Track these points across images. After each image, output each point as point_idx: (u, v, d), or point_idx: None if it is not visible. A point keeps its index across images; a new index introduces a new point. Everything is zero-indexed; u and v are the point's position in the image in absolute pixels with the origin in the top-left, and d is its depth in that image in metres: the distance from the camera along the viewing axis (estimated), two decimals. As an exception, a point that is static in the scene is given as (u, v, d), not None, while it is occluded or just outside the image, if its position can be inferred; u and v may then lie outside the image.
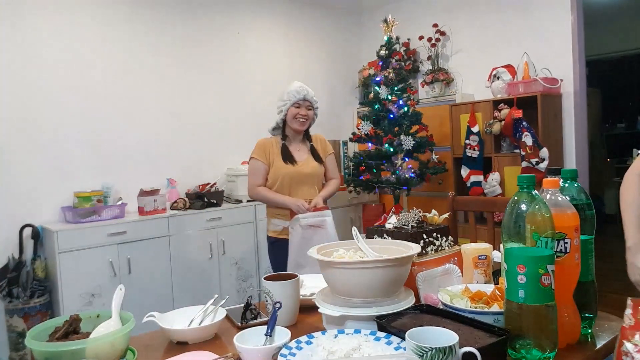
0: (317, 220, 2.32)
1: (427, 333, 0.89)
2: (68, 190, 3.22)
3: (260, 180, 2.48)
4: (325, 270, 1.15)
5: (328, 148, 2.65)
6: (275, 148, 2.50)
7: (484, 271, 1.32)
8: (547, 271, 0.92)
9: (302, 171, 2.47)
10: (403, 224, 1.42)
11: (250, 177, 2.52)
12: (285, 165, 2.44)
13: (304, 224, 2.30)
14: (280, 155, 2.47)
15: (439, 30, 4.32)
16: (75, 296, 2.87)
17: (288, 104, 2.44)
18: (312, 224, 2.31)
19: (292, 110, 2.45)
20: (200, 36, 3.94)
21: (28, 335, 1.00)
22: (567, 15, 3.60)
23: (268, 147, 2.50)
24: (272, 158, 2.47)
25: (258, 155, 2.49)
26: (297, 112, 2.46)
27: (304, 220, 2.31)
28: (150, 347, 1.18)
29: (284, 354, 0.95)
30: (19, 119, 3.07)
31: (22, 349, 2.83)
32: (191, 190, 3.71)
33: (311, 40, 4.73)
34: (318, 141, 2.63)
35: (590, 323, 1.11)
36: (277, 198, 2.43)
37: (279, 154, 2.47)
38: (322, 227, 2.32)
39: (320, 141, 2.64)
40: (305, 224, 2.31)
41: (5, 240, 2.99)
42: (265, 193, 2.47)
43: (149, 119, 3.64)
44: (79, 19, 3.31)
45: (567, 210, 1.01)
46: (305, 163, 2.50)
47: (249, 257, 3.67)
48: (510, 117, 3.44)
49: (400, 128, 3.64)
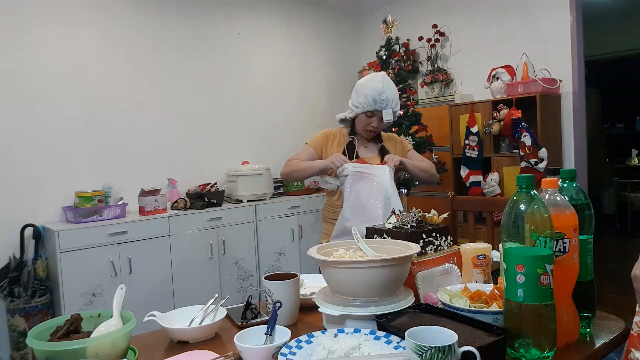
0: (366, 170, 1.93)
1: (426, 332, 0.90)
2: (69, 190, 3.23)
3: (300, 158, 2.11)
4: (325, 269, 1.16)
5: (406, 145, 2.23)
6: (340, 141, 2.12)
7: (483, 271, 1.33)
8: (546, 271, 0.92)
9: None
10: (402, 223, 1.42)
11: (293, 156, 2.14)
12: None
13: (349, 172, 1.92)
14: (342, 150, 2.08)
15: (438, 31, 4.32)
16: (76, 296, 2.87)
17: (359, 110, 2.02)
18: (361, 170, 1.92)
19: (362, 117, 2.04)
20: (201, 37, 3.94)
21: (29, 334, 1.00)
22: (566, 16, 3.60)
23: (330, 138, 2.13)
24: (329, 151, 2.09)
25: (313, 142, 2.12)
26: (369, 123, 2.04)
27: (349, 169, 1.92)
28: (151, 346, 1.18)
29: (284, 353, 0.96)
30: (19, 119, 3.08)
31: (24, 348, 2.83)
32: (192, 190, 3.72)
33: (311, 41, 4.73)
34: (391, 140, 2.21)
35: (589, 322, 1.11)
36: (310, 163, 2.05)
37: (341, 149, 2.08)
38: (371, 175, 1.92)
39: (394, 140, 2.21)
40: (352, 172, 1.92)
41: (6, 240, 3.00)
42: (297, 163, 2.07)
43: (149, 119, 3.65)
44: (80, 20, 3.32)
45: (566, 210, 1.02)
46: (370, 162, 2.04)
47: (249, 256, 3.68)
48: (509, 117, 3.45)
49: (399, 128, 3.65)
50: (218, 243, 3.50)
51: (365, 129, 2.05)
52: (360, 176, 1.91)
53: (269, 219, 3.76)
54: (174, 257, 3.27)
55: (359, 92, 2.01)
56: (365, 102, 1.98)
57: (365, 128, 2.05)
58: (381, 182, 1.91)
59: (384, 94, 1.96)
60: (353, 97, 2.05)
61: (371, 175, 1.92)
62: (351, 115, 2.07)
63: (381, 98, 1.96)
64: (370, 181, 1.92)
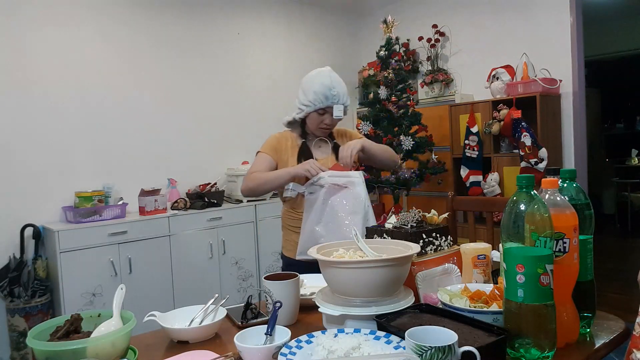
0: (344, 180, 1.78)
1: (426, 332, 0.90)
2: (69, 190, 3.23)
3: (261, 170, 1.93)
4: (325, 269, 1.16)
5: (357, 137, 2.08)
6: (292, 144, 1.98)
7: (483, 271, 1.33)
8: (546, 271, 0.92)
9: None
10: (402, 223, 1.42)
11: (249, 169, 1.96)
12: None
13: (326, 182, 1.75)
14: (296, 154, 1.95)
15: (438, 31, 4.32)
16: (76, 296, 2.87)
17: (310, 109, 1.89)
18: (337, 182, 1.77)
19: (314, 116, 1.91)
20: (201, 37, 3.94)
21: (29, 334, 1.00)
22: (566, 16, 3.60)
23: (282, 142, 1.98)
24: (284, 157, 1.95)
25: (266, 149, 1.96)
26: (322, 121, 1.91)
27: (325, 179, 1.75)
28: (151, 346, 1.18)
29: (284, 353, 0.96)
30: (19, 119, 3.08)
31: (24, 348, 2.83)
32: (192, 190, 3.72)
33: (311, 41, 4.73)
34: (344, 136, 2.08)
35: (589, 322, 1.11)
36: (278, 172, 1.87)
37: (295, 153, 1.95)
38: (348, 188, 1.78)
39: (345, 135, 2.09)
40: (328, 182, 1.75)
41: (6, 240, 3.00)
42: (261, 175, 1.88)
43: (149, 119, 3.65)
44: (80, 20, 3.32)
45: (566, 210, 1.02)
46: (325, 162, 1.94)
47: (249, 256, 3.68)
48: (509, 117, 3.45)
49: (399, 128, 3.65)
50: (218, 243, 3.50)
51: (318, 127, 1.94)
52: (337, 188, 1.78)
53: (269, 219, 3.76)
54: (174, 257, 3.27)
55: (308, 90, 1.89)
56: (316, 99, 1.86)
57: (319, 126, 1.93)
58: (359, 194, 1.79)
59: (334, 89, 1.86)
60: (301, 96, 1.93)
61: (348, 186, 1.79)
62: (301, 115, 1.94)
63: (332, 93, 1.85)
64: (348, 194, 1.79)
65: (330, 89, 1.85)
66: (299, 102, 1.95)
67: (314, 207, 1.78)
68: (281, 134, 2.03)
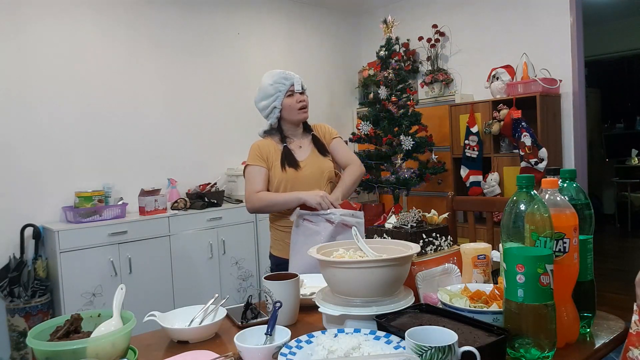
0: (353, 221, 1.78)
1: (426, 332, 0.90)
2: (69, 190, 3.23)
3: (260, 185, 1.95)
4: (325, 270, 1.16)
5: (331, 132, 2.14)
6: (275, 148, 2.02)
7: (483, 271, 1.33)
8: (546, 271, 0.92)
9: (304, 173, 1.97)
10: (403, 223, 1.42)
11: (248, 185, 1.98)
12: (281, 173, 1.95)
13: (336, 220, 1.77)
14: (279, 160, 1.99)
15: (438, 31, 4.32)
16: (76, 296, 2.87)
17: (280, 97, 1.98)
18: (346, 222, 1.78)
19: (287, 103, 1.98)
20: (201, 36, 3.94)
21: (29, 334, 1.00)
22: (566, 16, 3.60)
23: (265, 149, 2.02)
24: (271, 161, 2.00)
25: (254, 160, 2.00)
26: (296, 100, 1.99)
27: (336, 216, 1.77)
28: (151, 346, 1.18)
29: (284, 353, 0.96)
30: (19, 119, 3.08)
31: (24, 348, 2.83)
32: (192, 190, 3.72)
33: (311, 41, 4.73)
34: (318, 130, 2.13)
35: (589, 322, 1.11)
36: (287, 196, 1.90)
37: (278, 157, 1.99)
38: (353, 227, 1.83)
39: (320, 128, 2.14)
40: (338, 220, 1.77)
41: (6, 240, 3.00)
42: (268, 196, 1.94)
43: (149, 119, 3.65)
44: (80, 19, 3.32)
45: (566, 210, 1.02)
46: (309, 161, 2.00)
47: (249, 256, 3.68)
48: (509, 117, 3.45)
49: (399, 128, 3.65)
50: (218, 243, 3.50)
51: (297, 111, 2.00)
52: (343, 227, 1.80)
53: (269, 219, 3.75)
54: (174, 257, 3.27)
55: (267, 88, 2.01)
56: (279, 87, 1.98)
57: (297, 110, 1.99)
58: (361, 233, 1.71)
59: (284, 72, 2.02)
60: (264, 99, 2.02)
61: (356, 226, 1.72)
62: (275, 115, 2.01)
63: (285, 74, 2.00)
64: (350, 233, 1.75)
65: (281, 73, 2.01)
66: (266, 107, 2.02)
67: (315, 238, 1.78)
68: (261, 141, 2.07)
